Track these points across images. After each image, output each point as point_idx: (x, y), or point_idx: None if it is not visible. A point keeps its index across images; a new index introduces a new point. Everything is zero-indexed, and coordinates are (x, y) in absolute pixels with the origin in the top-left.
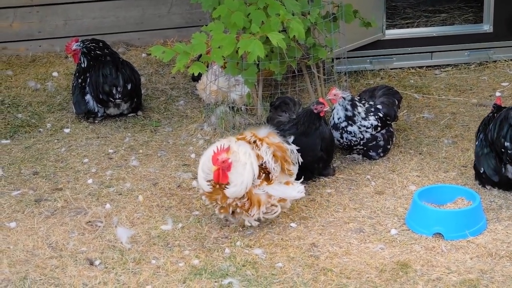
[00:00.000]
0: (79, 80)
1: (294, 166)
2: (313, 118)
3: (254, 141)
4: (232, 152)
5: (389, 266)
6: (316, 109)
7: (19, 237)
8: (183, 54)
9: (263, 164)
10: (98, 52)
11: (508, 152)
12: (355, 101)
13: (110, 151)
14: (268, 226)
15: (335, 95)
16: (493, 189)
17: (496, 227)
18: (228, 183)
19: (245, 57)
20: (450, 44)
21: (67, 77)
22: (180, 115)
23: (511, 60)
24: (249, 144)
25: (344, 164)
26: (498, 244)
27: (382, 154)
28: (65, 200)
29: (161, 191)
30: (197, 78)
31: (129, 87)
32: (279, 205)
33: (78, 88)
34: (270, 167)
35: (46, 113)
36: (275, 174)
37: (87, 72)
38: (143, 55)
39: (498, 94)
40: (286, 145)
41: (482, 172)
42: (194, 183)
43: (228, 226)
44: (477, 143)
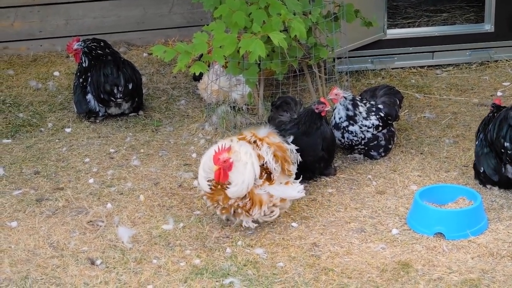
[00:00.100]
0: (80, 80)
1: (293, 166)
2: (314, 118)
3: (255, 141)
4: (233, 152)
5: (390, 266)
6: (317, 108)
7: (21, 237)
8: (185, 53)
9: (264, 165)
10: (99, 52)
11: (508, 152)
12: (357, 100)
13: (112, 150)
14: (269, 225)
15: (336, 94)
16: (493, 188)
17: (497, 226)
18: (229, 182)
19: (246, 57)
20: (451, 43)
21: (68, 77)
22: (181, 114)
23: None
24: (250, 144)
25: (345, 164)
26: (500, 244)
27: (383, 154)
28: (66, 200)
29: (162, 190)
30: (198, 78)
31: (130, 86)
32: (278, 207)
33: (80, 87)
34: (271, 167)
35: (47, 112)
36: (276, 174)
37: (88, 72)
38: (144, 54)
39: (499, 94)
40: (286, 145)
41: (482, 171)
42: (195, 182)
43: (229, 225)
44: (477, 142)
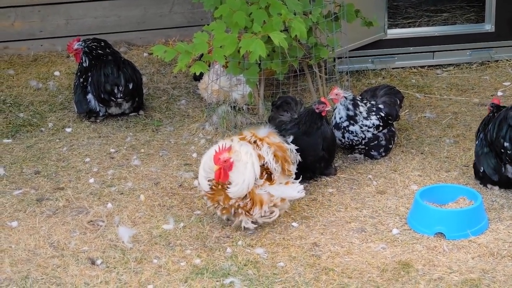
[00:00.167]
0: (81, 80)
1: (293, 166)
2: (315, 118)
3: (255, 141)
4: (234, 152)
5: (390, 266)
6: (317, 108)
7: (21, 236)
8: (185, 53)
9: (265, 165)
10: (99, 52)
11: (507, 152)
12: (357, 100)
13: (112, 150)
14: (270, 225)
15: (336, 94)
16: (494, 188)
17: (498, 226)
18: (229, 182)
19: (246, 57)
20: (451, 43)
21: (69, 77)
22: (181, 114)
23: None
24: (250, 144)
25: (346, 164)
26: (500, 244)
27: (383, 154)
28: (66, 200)
29: (163, 190)
30: (198, 78)
31: (131, 86)
32: (278, 208)
33: (80, 87)
34: (272, 167)
35: (47, 112)
36: (276, 175)
37: (88, 72)
38: (145, 54)
39: (500, 93)
40: (286, 144)
41: (482, 171)
42: (196, 182)
43: (230, 225)
44: (477, 142)
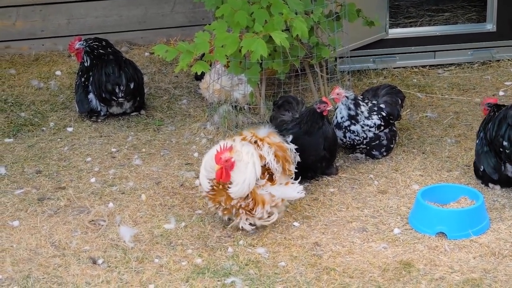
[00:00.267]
0: (82, 79)
1: (293, 165)
2: (316, 117)
3: (255, 142)
4: (235, 151)
5: (392, 265)
6: (319, 108)
7: (22, 236)
8: (186, 53)
9: (266, 165)
10: (101, 51)
11: (506, 151)
12: (358, 100)
13: (113, 150)
14: (271, 225)
15: (338, 94)
16: (495, 187)
17: (499, 226)
18: (230, 182)
19: (248, 56)
20: (453, 43)
21: (70, 76)
22: (183, 114)
23: None
24: (251, 144)
25: (347, 163)
26: (501, 244)
27: (385, 153)
28: (68, 199)
29: (164, 190)
30: (200, 77)
31: (132, 86)
32: (276, 211)
33: (81, 87)
34: (273, 168)
35: (49, 112)
36: (277, 175)
37: (90, 71)
38: (146, 54)
39: (501, 93)
40: (286, 144)
41: (482, 170)
42: (197, 182)
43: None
44: (477, 141)
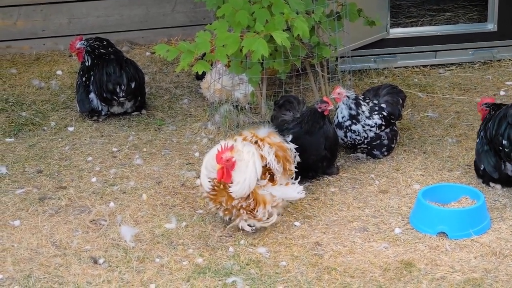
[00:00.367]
0: (83, 79)
1: (293, 165)
2: (317, 117)
3: (256, 142)
4: (236, 151)
5: (393, 265)
6: (320, 107)
7: (23, 235)
8: (187, 52)
9: (267, 165)
10: (102, 51)
11: (505, 150)
12: (359, 100)
13: (114, 149)
14: (272, 225)
15: (339, 93)
16: (496, 186)
17: (500, 226)
18: (231, 182)
19: (249, 56)
20: (454, 43)
21: (71, 76)
22: (184, 113)
23: None
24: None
25: (348, 163)
26: (502, 243)
27: (386, 153)
28: (69, 199)
29: (165, 189)
30: (201, 77)
31: (133, 85)
32: (276, 212)
33: (82, 86)
34: (274, 168)
35: (50, 111)
36: (278, 175)
37: (91, 71)
38: (147, 53)
39: (502, 93)
40: (286, 144)
41: (482, 169)
42: (198, 181)
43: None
44: (477, 140)
